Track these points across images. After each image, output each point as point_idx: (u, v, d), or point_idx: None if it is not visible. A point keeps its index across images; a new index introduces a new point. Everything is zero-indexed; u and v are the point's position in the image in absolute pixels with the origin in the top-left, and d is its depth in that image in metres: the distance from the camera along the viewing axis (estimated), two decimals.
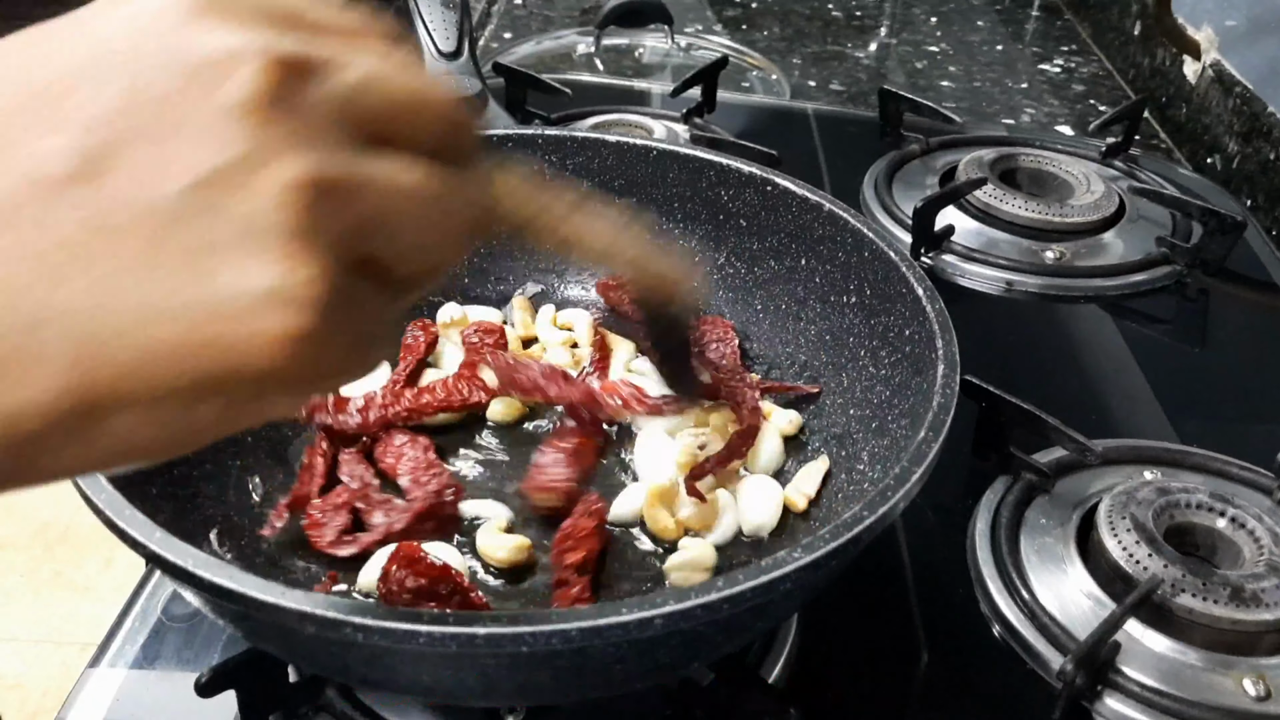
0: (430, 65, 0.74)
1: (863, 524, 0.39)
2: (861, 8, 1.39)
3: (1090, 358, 0.76)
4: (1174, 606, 0.52)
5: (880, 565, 0.58)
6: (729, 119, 1.02)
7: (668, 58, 1.20)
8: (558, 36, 1.24)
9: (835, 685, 0.51)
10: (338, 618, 0.34)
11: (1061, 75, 1.23)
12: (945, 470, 0.44)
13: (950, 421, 0.44)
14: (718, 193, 0.64)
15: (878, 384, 0.56)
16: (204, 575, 0.35)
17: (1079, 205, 0.87)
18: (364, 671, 0.42)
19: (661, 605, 0.35)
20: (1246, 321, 0.82)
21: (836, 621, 0.54)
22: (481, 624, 0.34)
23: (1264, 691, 0.50)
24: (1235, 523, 0.56)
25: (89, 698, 0.49)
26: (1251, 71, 1.00)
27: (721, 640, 0.43)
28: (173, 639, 0.52)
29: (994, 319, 0.80)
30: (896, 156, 0.95)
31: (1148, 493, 0.57)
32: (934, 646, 0.54)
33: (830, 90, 1.16)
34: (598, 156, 0.65)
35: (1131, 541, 0.54)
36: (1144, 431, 0.67)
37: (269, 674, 0.46)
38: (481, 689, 0.41)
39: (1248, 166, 0.97)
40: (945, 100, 1.13)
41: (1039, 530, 0.58)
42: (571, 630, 0.35)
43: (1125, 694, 0.50)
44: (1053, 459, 0.61)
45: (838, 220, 0.59)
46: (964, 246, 0.83)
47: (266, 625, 0.39)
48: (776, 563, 0.37)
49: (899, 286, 0.54)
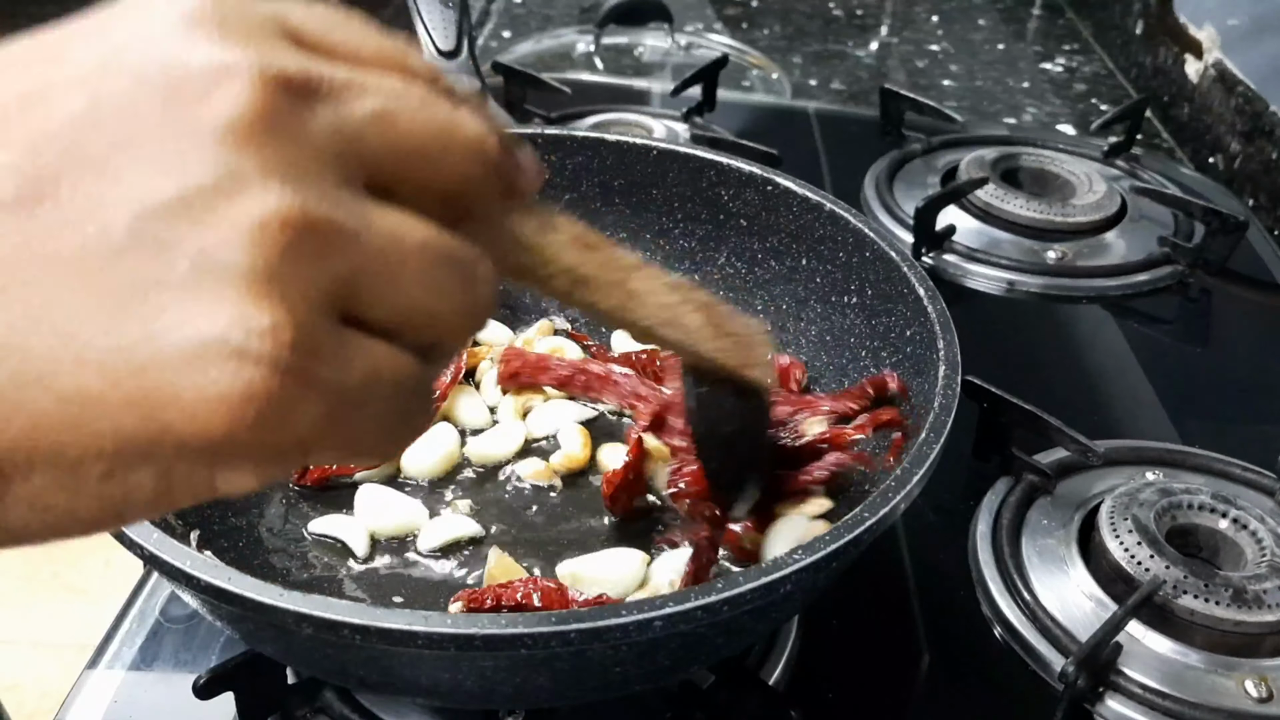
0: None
1: (863, 525, 0.39)
2: (863, 6, 1.39)
3: (1092, 358, 0.76)
4: (1176, 608, 0.51)
5: (881, 567, 0.58)
6: (729, 118, 1.02)
7: (668, 56, 1.20)
8: (557, 35, 1.24)
9: (836, 687, 0.51)
10: (335, 619, 0.34)
11: (1063, 74, 1.23)
12: (946, 471, 0.43)
13: (951, 422, 0.44)
14: (718, 192, 0.63)
15: None
16: (201, 576, 0.35)
17: (1081, 205, 0.87)
18: (362, 673, 0.41)
19: (661, 607, 0.35)
20: (1249, 322, 0.82)
21: (837, 623, 0.54)
22: (479, 626, 0.34)
23: (1266, 693, 0.49)
24: (1237, 524, 0.56)
25: (87, 699, 0.49)
26: (1254, 71, 1.00)
27: (721, 642, 0.43)
28: (171, 640, 0.52)
29: (995, 319, 0.80)
30: (898, 156, 0.95)
31: (1149, 494, 0.57)
32: (935, 648, 0.54)
33: (831, 89, 1.16)
34: (597, 156, 0.65)
35: (1133, 542, 0.54)
36: (1146, 432, 0.67)
37: (267, 676, 0.46)
38: (480, 691, 0.41)
39: (1250, 166, 0.97)
40: (947, 99, 1.12)
41: (1040, 531, 0.58)
42: (570, 632, 0.34)
43: (1127, 695, 0.50)
44: (1054, 460, 0.61)
45: (839, 220, 0.58)
46: (965, 246, 0.83)
47: (264, 626, 0.39)
48: (777, 564, 0.37)
49: (900, 287, 0.54)
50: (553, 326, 0.66)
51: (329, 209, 0.20)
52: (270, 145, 0.20)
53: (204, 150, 0.19)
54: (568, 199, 0.66)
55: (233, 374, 0.19)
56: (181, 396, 0.19)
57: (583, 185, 0.66)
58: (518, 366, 0.60)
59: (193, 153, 0.19)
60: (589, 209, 0.66)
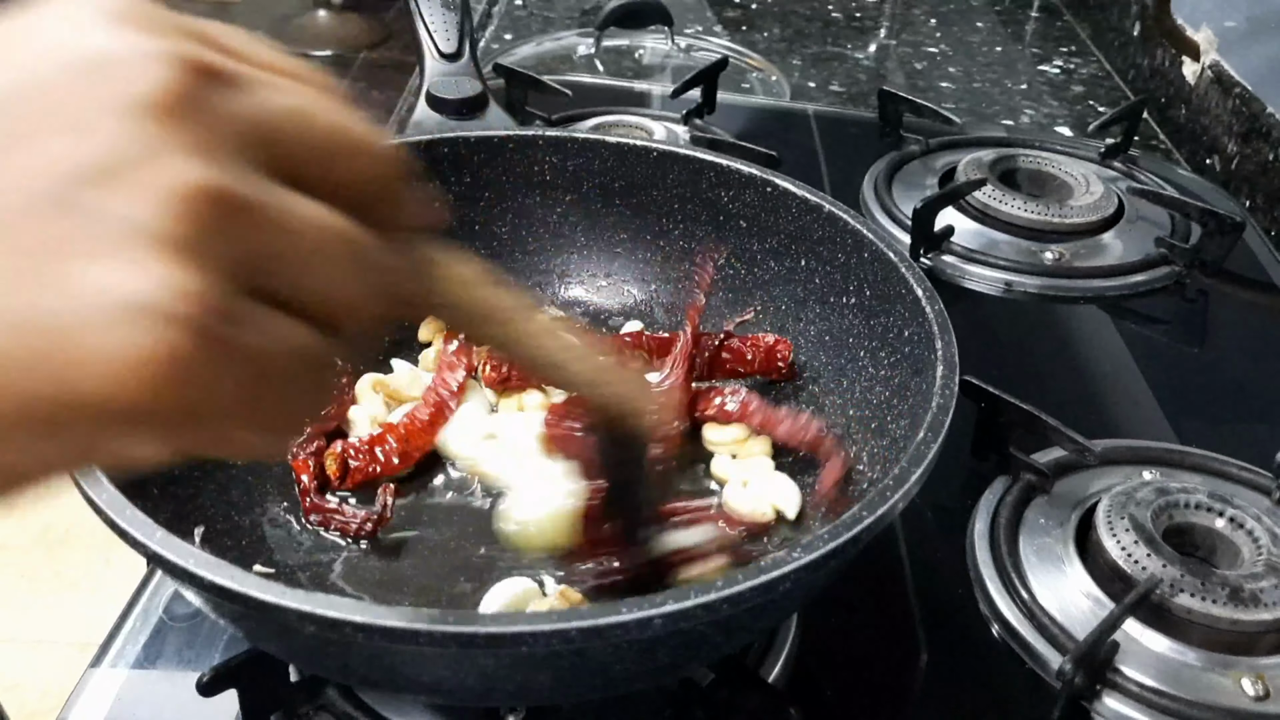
0: (430, 66, 0.74)
1: (862, 524, 0.39)
2: (861, 9, 1.39)
3: (1089, 358, 0.76)
4: (1173, 606, 0.52)
5: (880, 565, 0.58)
6: (729, 120, 1.02)
7: (668, 59, 1.20)
8: (558, 38, 1.24)
9: (835, 685, 0.52)
10: (338, 617, 0.34)
11: (1061, 76, 1.24)
12: (944, 471, 0.44)
13: (949, 422, 0.44)
14: (718, 194, 0.64)
15: (877, 385, 0.56)
16: (205, 575, 0.35)
17: (1078, 206, 0.87)
18: (364, 671, 0.42)
19: (661, 605, 0.35)
20: (1245, 322, 0.82)
21: (836, 621, 0.54)
22: (481, 624, 0.34)
23: (1263, 691, 0.50)
24: (1234, 523, 0.56)
25: (90, 698, 0.49)
26: (1251, 72, 1.00)
27: (721, 640, 0.43)
28: (174, 639, 0.52)
29: (993, 320, 0.80)
30: (896, 157, 0.95)
31: (1147, 493, 0.57)
32: (933, 646, 0.54)
33: (830, 91, 1.16)
34: (598, 158, 0.65)
35: (1130, 541, 0.54)
36: (1143, 432, 0.67)
37: (270, 673, 0.46)
38: (481, 689, 0.41)
39: (1247, 167, 0.97)
40: (945, 101, 1.13)
41: (1038, 530, 0.58)
42: (571, 630, 0.35)
43: (1124, 694, 0.50)
44: (1052, 459, 0.61)
45: (837, 221, 0.59)
46: (963, 247, 0.83)
47: (267, 625, 0.39)
48: (776, 563, 0.37)
49: (898, 287, 0.54)
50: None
51: (242, 185, 0.21)
52: (188, 121, 0.20)
53: (124, 123, 0.20)
54: (568, 200, 0.67)
55: (147, 332, 0.19)
56: (95, 356, 0.19)
57: (583, 187, 0.66)
58: (506, 372, 0.60)
59: (113, 125, 0.20)
60: (589, 210, 0.67)
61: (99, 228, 0.19)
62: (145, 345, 0.19)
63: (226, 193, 0.20)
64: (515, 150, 0.65)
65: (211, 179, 0.20)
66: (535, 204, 0.67)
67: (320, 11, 3.31)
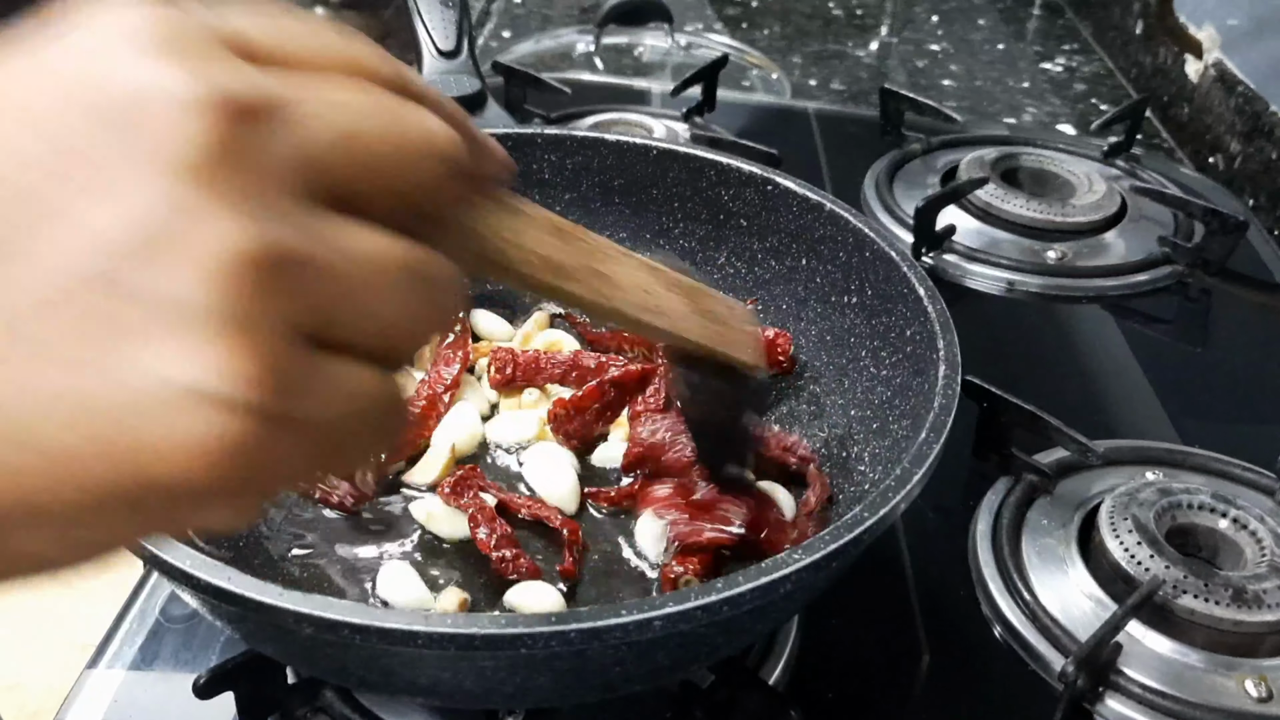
0: (429, 64, 0.74)
1: (863, 525, 0.39)
2: (862, 6, 1.39)
3: (1092, 358, 0.76)
4: (1175, 608, 0.51)
5: (881, 566, 0.58)
6: (729, 118, 1.02)
7: (668, 56, 1.20)
8: (557, 35, 1.24)
9: (836, 687, 0.51)
10: (335, 619, 0.34)
11: (1063, 74, 1.23)
12: (946, 471, 0.43)
13: (951, 422, 0.44)
14: (718, 192, 0.63)
15: (879, 385, 0.56)
16: (201, 576, 0.35)
17: (1080, 205, 0.87)
18: (362, 673, 0.41)
19: (660, 607, 0.35)
20: (1248, 322, 0.82)
21: (837, 623, 0.54)
22: (479, 625, 0.34)
23: (1266, 693, 0.49)
24: (1237, 524, 0.56)
25: (87, 699, 0.49)
26: (1254, 71, 1.00)
27: (721, 642, 0.43)
28: (171, 640, 0.52)
29: (995, 319, 0.80)
30: (897, 156, 0.95)
31: (1149, 494, 0.57)
32: (935, 648, 0.54)
33: (831, 89, 1.16)
34: (597, 156, 0.65)
35: (1133, 542, 0.54)
36: (1145, 432, 0.67)
37: (267, 675, 0.46)
38: (480, 691, 0.41)
39: (1250, 166, 0.97)
40: (946, 99, 1.12)
41: (1040, 531, 0.58)
42: (570, 632, 0.34)
43: (1127, 695, 0.50)
44: (1054, 460, 0.61)
45: (838, 220, 0.58)
46: (965, 246, 0.83)
47: (263, 626, 0.39)
48: (776, 564, 0.37)
49: (900, 286, 0.54)
50: (549, 318, 0.66)
51: (292, 238, 0.20)
52: (228, 176, 0.19)
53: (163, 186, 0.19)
54: (567, 199, 0.66)
55: (207, 422, 0.18)
56: (159, 443, 0.18)
57: (582, 185, 0.66)
58: (510, 373, 0.60)
59: (151, 190, 0.19)
60: (589, 209, 0.66)
61: (149, 309, 0.18)
62: (208, 434, 0.18)
63: (276, 251, 0.19)
64: (514, 148, 0.64)
65: (257, 240, 0.19)
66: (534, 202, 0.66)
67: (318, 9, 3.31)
